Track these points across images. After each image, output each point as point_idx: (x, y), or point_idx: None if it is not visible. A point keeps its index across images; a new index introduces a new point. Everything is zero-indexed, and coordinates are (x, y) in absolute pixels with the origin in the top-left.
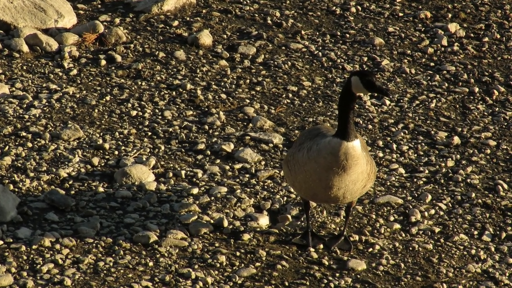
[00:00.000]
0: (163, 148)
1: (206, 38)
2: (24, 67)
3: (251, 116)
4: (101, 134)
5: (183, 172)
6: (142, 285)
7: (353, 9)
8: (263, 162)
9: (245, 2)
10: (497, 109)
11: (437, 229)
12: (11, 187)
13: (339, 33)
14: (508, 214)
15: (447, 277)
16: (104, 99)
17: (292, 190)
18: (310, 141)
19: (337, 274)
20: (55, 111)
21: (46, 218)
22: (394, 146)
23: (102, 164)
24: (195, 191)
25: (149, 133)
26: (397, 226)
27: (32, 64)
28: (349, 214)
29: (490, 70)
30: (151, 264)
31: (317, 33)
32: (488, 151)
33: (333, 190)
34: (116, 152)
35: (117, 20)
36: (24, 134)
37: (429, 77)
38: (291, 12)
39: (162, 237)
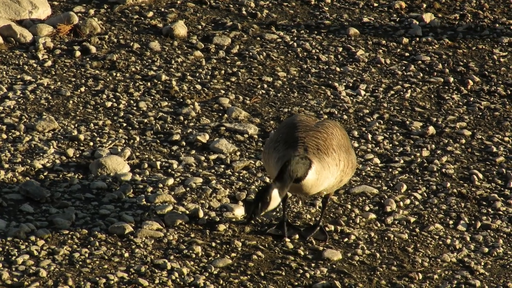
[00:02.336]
0: (138, 139)
1: (181, 29)
2: None
3: (226, 107)
4: (76, 125)
5: (158, 163)
6: (118, 276)
7: (328, 0)
8: (238, 153)
9: None
10: (472, 99)
11: (412, 219)
12: None
13: (314, 24)
14: (483, 204)
15: (422, 266)
16: (79, 90)
17: (268, 180)
18: (285, 145)
19: (313, 264)
20: (29, 102)
21: (21, 210)
22: (369, 136)
23: (77, 155)
24: (170, 182)
25: (124, 124)
26: (372, 216)
27: (6, 56)
28: (326, 205)
29: (464, 60)
30: (126, 255)
31: (292, 24)
32: (463, 141)
33: (304, 193)
34: (91, 143)
35: (92, 11)
36: None
37: (404, 67)
38: (266, 3)
39: (137, 228)
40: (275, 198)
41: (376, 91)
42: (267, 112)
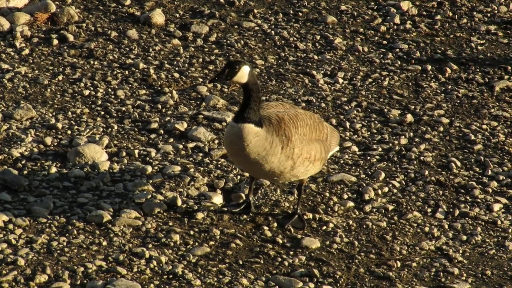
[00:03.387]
0: (116, 127)
1: (158, 17)
2: None
3: (204, 95)
4: (54, 113)
5: (136, 151)
6: (96, 265)
7: None
8: (216, 141)
9: None
10: (449, 86)
11: (390, 207)
12: None
13: (291, 12)
14: (461, 192)
15: (400, 254)
16: (57, 79)
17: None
18: None
19: (291, 252)
20: (7, 90)
21: None
22: (347, 124)
23: (55, 144)
24: (148, 170)
25: (102, 113)
26: (350, 204)
27: None
28: (301, 192)
29: (442, 48)
30: (104, 243)
31: (270, 12)
32: (441, 128)
33: (250, 170)
34: (69, 132)
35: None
36: None
37: (381, 55)
38: None
39: (115, 216)
40: (244, 73)
41: (354, 79)
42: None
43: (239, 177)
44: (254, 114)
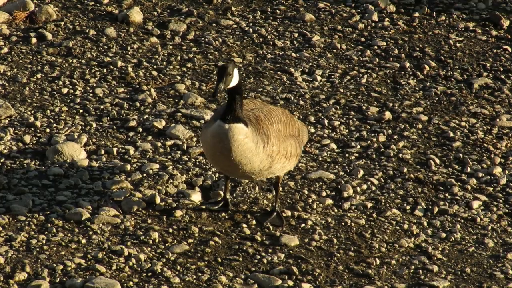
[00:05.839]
0: (94, 125)
1: (136, 15)
2: None
3: (182, 93)
4: (33, 111)
5: (114, 149)
6: (75, 262)
7: None
8: (194, 139)
9: None
10: (428, 84)
11: (369, 204)
12: None
13: (269, 9)
14: (440, 189)
15: (379, 252)
16: (35, 77)
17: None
18: (215, 116)
19: (270, 250)
20: None
21: None
22: (326, 121)
23: (34, 142)
24: (127, 168)
25: (81, 111)
26: (329, 201)
27: None
28: (278, 190)
29: (421, 45)
30: (83, 241)
31: (248, 10)
32: (420, 126)
33: (228, 170)
34: (48, 130)
35: None
36: None
37: (360, 53)
38: None
39: (94, 214)
40: (236, 76)
41: (332, 76)
42: (224, 98)
43: (217, 174)
44: (242, 114)
